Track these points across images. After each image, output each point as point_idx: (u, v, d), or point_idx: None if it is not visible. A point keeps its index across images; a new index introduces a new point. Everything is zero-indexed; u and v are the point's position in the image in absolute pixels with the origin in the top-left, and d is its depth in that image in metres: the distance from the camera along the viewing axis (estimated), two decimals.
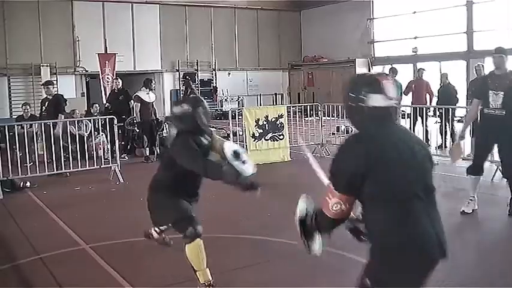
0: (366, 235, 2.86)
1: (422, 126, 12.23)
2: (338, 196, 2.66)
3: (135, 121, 12.61)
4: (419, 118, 12.43)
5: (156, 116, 13.05)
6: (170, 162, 4.52)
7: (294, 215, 2.95)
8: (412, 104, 12.80)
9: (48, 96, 11.29)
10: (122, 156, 11.97)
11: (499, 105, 6.69)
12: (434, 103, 13.47)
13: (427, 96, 13.22)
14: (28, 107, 13.27)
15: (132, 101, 12.89)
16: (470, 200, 7.08)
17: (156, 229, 4.96)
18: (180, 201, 4.57)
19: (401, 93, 12.77)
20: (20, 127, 10.29)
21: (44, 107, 11.35)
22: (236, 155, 4.17)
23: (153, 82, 12.92)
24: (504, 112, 6.70)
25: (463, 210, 7.02)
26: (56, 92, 11.44)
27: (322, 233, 2.92)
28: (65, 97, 11.92)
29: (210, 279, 4.51)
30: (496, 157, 9.53)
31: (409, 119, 11.97)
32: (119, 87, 13.69)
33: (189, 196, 4.65)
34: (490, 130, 6.96)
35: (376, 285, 2.70)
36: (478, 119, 7.65)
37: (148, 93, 12.52)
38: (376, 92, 2.69)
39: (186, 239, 4.43)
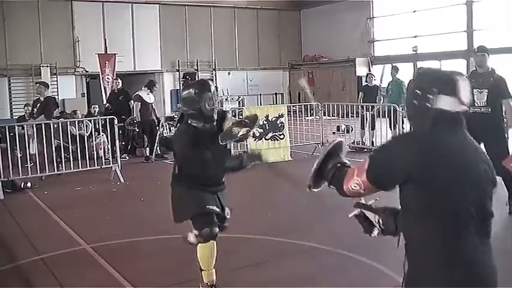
0: (384, 232, 2.67)
1: None
2: (364, 180, 2.44)
3: (135, 121, 12.63)
4: None
5: (156, 116, 13.05)
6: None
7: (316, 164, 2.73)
8: None
9: (41, 98, 11.06)
10: (123, 156, 11.98)
11: (484, 102, 6.77)
12: None
13: None
14: (30, 108, 13.24)
15: (132, 101, 12.94)
16: None
17: (195, 232, 4.52)
18: (200, 194, 4.40)
19: (402, 90, 12.73)
20: (20, 128, 10.29)
21: (35, 109, 11.08)
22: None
23: (156, 85, 12.91)
24: (490, 109, 6.79)
25: None
26: (48, 95, 11.17)
27: (329, 186, 2.70)
28: (57, 100, 11.73)
29: (214, 279, 4.50)
30: None
31: None
32: (118, 87, 13.71)
33: (209, 186, 4.45)
34: (476, 128, 6.88)
35: None
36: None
37: (148, 94, 12.53)
38: (449, 94, 2.36)
39: (200, 238, 4.39)
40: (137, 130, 12.82)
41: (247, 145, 11.35)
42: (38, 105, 10.84)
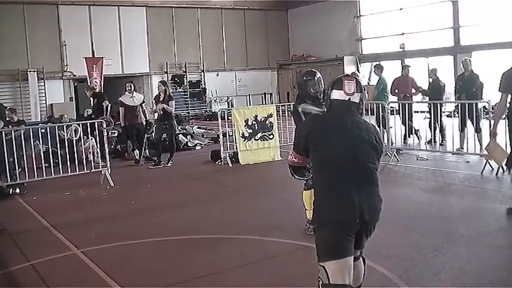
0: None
1: (410, 122, 12.25)
2: (293, 151, 3.79)
3: (107, 121, 12.43)
4: (407, 114, 12.43)
5: (146, 118, 12.86)
6: None
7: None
8: (398, 100, 12.77)
9: None
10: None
11: None
12: (420, 98, 13.55)
13: (413, 92, 13.14)
14: (15, 112, 13.03)
15: (105, 101, 13.09)
16: None
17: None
18: None
19: (383, 88, 12.68)
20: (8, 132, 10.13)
21: None
22: None
23: (130, 84, 12.57)
24: None
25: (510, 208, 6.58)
26: None
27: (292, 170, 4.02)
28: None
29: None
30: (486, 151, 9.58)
31: (398, 115, 11.99)
32: (91, 93, 13.85)
33: None
34: None
35: (314, 231, 3.60)
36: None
37: (132, 97, 12.35)
38: (338, 89, 3.57)
39: (305, 187, 5.96)
40: (115, 133, 12.78)
41: (236, 146, 11.38)
42: None
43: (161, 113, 11.70)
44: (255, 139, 11.66)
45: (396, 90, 12.89)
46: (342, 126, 3.48)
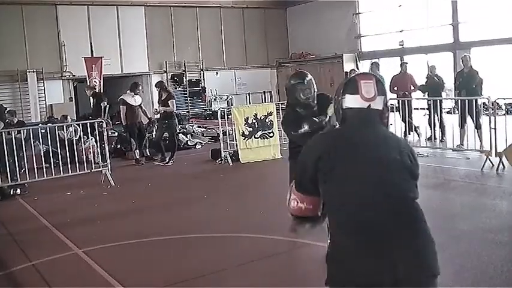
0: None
1: (410, 118, 12.26)
2: (296, 192, 2.66)
3: (108, 121, 12.54)
4: (407, 111, 12.45)
5: (147, 116, 13.03)
6: None
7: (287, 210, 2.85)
8: (397, 97, 12.77)
9: None
10: None
11: None
12: (420, 95, 13.56)
13: (412, 88, 13.15)
14: (14, 115, 13.05)
15: (103, 102, 13.14)
16: None
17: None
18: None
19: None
20: (7, 133, 10.16)
21: None
22: None
23: (140, 87, 12.71)
24: None
25: None
26: None
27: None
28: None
29: None
30: (486, 147, 9.61)
31: (397, 112, 11.99)
32: (91, 92, 14.03)
33: None
34: None
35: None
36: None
37: (133, 97, 12.40)
38: (352, 93, 2.58)
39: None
40: (115, 133, 12.82)
41: (236, 144, 11.42)
42: None
43: (162, 112, 11.91)
44: (255, 137, 11.67)
45: (395, 88, 12.90)
46: (363, 147, 2.50)
